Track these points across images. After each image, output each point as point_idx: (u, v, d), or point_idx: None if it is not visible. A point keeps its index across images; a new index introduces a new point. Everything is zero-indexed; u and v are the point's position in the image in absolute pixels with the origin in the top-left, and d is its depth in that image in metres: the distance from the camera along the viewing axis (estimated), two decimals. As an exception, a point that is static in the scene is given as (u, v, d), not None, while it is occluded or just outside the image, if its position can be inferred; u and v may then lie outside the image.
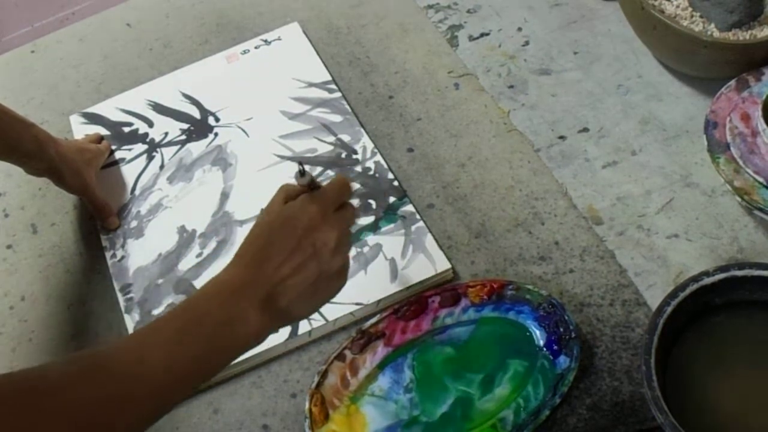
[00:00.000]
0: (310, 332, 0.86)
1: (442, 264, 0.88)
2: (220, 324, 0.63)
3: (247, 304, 0.63)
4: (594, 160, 0.95)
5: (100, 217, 0.98)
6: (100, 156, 1.02)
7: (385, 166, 0.97)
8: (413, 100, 1.04)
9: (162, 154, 1.04)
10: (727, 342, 0.77)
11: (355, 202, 0.93)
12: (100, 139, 1.05)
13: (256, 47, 1.13)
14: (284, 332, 0.85)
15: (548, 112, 1.00)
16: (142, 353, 0.60)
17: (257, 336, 0.65)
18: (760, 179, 0.84)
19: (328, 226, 0.66)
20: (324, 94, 1.06)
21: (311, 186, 0.69)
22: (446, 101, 1.03)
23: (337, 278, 0.69)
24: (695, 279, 0.76)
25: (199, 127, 1.06)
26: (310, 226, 0.66)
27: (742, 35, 0.92)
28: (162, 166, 1.02)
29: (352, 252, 0.89)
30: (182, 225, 0.96)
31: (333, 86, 1.06)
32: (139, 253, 0.95)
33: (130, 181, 1.02)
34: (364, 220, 0.93)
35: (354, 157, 0.99)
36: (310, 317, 0.86)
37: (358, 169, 0.97)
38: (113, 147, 1.05)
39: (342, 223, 0.69)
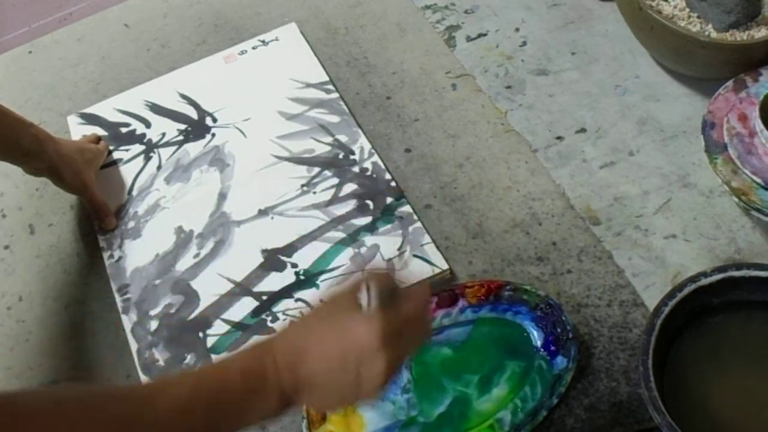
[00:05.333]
0: (307, 333, 0.85)
1: (440, 264, 0.88)
2: (240, 394, 0.60)
3: (271, 386, 0.61)
4: (591, 160, 0.95)
5: (98, 217, 0.98)
6: (99, 156, 1.02)
7: (383, 166, 0.97)
8: (411, 100, 1.04)
9: (159, 155, 1.04)
10: (724, 342, 0.77)
11: (353, 202, 0.94)
12: (98, 139, 1.05)
13: (253, 48, 1.13)
14: (282, 333, 0.85)
15: (546, 112, 1.00)
16: (153, 397, 0.58)
17: (268, 417, 0.63)
18: (758, 180, 0.84)
19: (383, 356, 0.61)
20: (321, 95, 1.06)
21: (383, 302, 0.63)
22: (444, 102, 1.03)
23: (369, 395, 0.64)
24: (693, 279, 0.76)
25: (196, 127, 1.06)
26: (363, 352, 0.61)
27: (740, 36, 0.92)
28: (159, 167, 1.02)
29: (350, 253, 0.90)
30: (179, 225, 0.96)
31: (330, 87, 1.06)
32: (136, 253, 0.95)
33: (127, 181, 1.02)
34: (362, 221, 0.93)
35: (351, 157, 0.99)
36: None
37: (356, 169, 0.97)
38: (111, 147, 1.05)
39: (401, 351, 0.63)
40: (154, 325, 0.89)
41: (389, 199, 0.94)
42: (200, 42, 1.17)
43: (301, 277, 0.89)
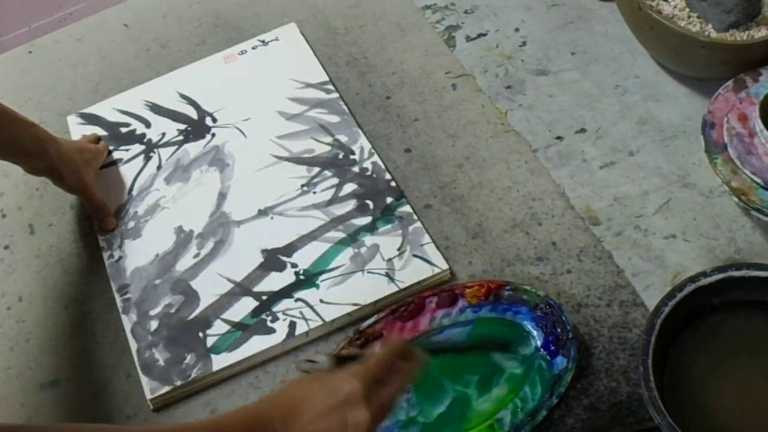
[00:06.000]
0: (307, 333, 0.86)
1: (440, 264, 0.88)
2: None
3: None
4: (591, 160, 0.95)
5: (97, 217, 0.98)
6: (99, 156, 1.02)
7: (383, 166, 0.97)
8: (411, 100, 1.04)
9: (159, 155, 1.04)
10: (724, 342, 0.77)
11: (353, 202, 0.94)
12: (98, 139, 1.05)
13: (253, 48, 1.13)
14: (282, 333, 0.85)
15: (545, 112, 1.00)
16: None
17: None
18: (758, 180, 0.84)
19: (365, 406, 0.64)
20: (321, 95, 1.06)
21: (348, 358, 0.69)
22: (444, 102, 1.03)
23: None
24: (693, 279, 0.76)
25: (196, 127, 1.06)
26: (347, 401, 0.64)
27: (740, 36, 0.93)
28: (159, 167, 1.02)
29: (350, 253, 0.90)
30: (179, 225, 0.96)
31: (330, 87, 1.06)
32: (136, 253, 0.95)
33: (127, 181, 1.02)
34: (362, 221, 0.93)
35: (351, 157, 0.99)
36: (308, 318, 0.86)
37: (356, 169, 0.97)
38: (111, 147, 1.05)
39: (382, 404, 0.67)
40: (154, 325, 0.89)
41: (389, 199, 0.94)
42: (200, 42, 1.17)
43: (301, 277, 0.89)
